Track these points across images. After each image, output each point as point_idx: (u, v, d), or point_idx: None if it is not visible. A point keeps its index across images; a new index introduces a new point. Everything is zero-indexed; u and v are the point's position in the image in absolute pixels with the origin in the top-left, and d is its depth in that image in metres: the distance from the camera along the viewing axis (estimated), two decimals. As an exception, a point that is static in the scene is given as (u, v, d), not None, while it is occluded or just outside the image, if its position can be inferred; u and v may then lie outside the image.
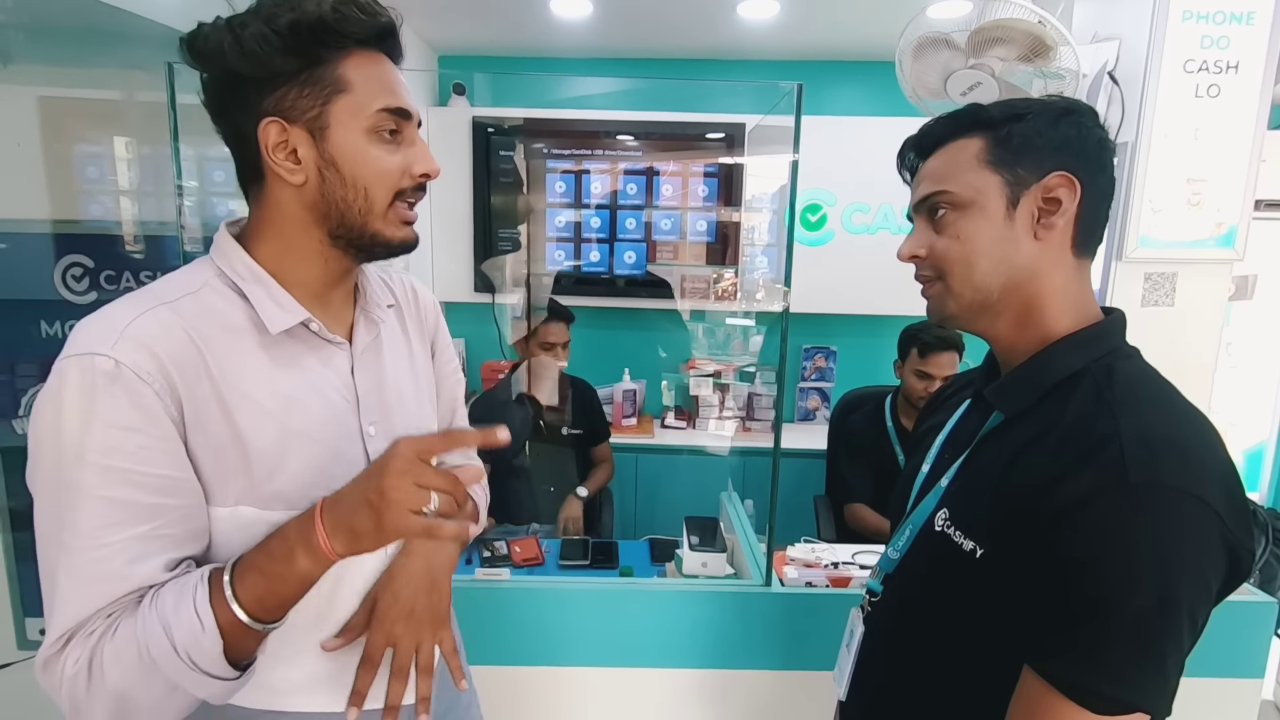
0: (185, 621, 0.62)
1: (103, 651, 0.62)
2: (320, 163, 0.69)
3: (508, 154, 2.83)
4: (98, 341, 0.63)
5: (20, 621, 1.62)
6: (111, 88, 1.60)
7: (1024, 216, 0.72)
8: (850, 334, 3.09)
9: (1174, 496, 0.60)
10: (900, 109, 1.67)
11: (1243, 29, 1.32)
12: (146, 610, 0.63)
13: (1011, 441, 0.72)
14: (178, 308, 0.67)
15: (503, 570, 1.55)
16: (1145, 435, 0.62)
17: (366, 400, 0.78)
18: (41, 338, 1.59)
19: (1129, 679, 0.61)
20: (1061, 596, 0.63)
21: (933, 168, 0.77)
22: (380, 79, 0.71)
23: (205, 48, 0.67)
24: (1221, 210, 1.37)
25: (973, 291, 0.74)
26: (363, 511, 0.62)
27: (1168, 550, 0.60)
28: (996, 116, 0.73)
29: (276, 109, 0.68)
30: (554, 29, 2.62)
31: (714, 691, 1.49)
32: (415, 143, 0.74)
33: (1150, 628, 0.60)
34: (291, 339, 0.73)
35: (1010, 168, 0.72)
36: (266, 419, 0.69)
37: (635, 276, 2.93)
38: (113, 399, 0.62)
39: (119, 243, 1.60)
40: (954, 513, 0.75)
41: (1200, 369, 1.41)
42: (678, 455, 2.83)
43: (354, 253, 0.74)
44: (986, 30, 1.37)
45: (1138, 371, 0.71)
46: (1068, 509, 0.62)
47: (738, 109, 2.76)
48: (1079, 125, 0.72)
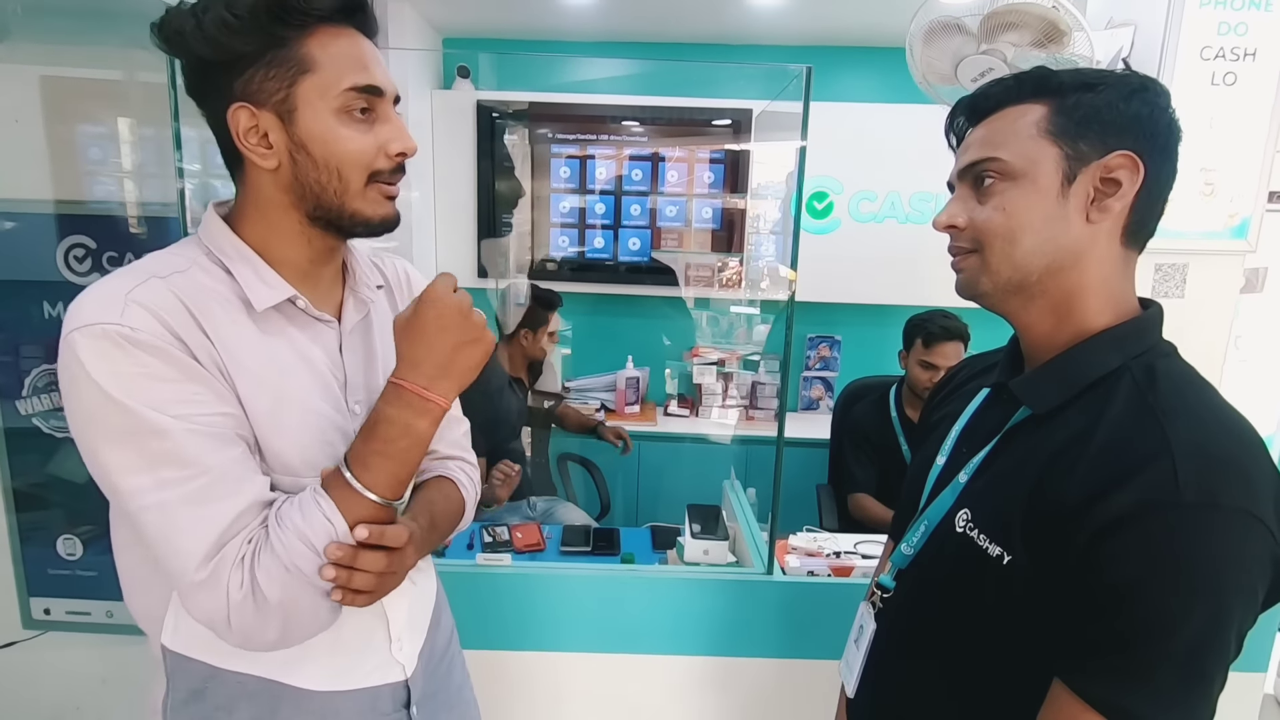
0: (318, 526, 0.66)
1: (257, 573, 0.64)
2: (291, 146, 0.69)
3: (512, 138, 2.81)
4: (104, 312, 0.63)
5: (25, 601, 1.64)
6: (113, 67, 1.58)
7: (1079, 195, 0.67)
8: (855, 323, 3.08)
9: (1231, 517, 0.57)
10: (909, 96, 1.65)
11: (1261, 15, 1.29)
12: (275, 529, 0.66)
13: (1043, 443, 0.68)
14: (171, 282, 0.68)
15: (504, 556, 1.55)
16: (1198, 450, 0.59)
17: (354, 379, 0.78)
18: (44, 318, 1.59)
19: (1178, 704, 0.59)
20: (1107, 618, 0.59)
21: (985, 133, 0.71)
22: (349, 55, 0.69)
23: (170, 32, 0.67)
24: (1235, 201, 1.35)
25: (1011, 269, 0.69)
26: (465, 351, 0.70)
27: (1223, 573, 0.57)
28: (1066, 83, 0.67)
29: (244, 93, 0.68)
30: (560, 11, 2.59)
31: (714, 679, 1.49)
32: (390, 120, 0.72)
33: (1201, 652, 0.58)
34: (280, 315, 0.73)
35: (1072, 140, 0.66)
36: (261, 386, 0.70)
37: (639, 263, 2.91)
38: (136, 358, 0.63)
39: (122, 224, 1.60)
40: (976, 514, 0.71)
41: (1210, 362, 1.39)
42: (680, 443, 2.83)
43: (335, 231, 0.74)
44: (999, 15, 1.35)
45: (1180, 372, 0.68)
46: (1113, 525, 0.58)
47: (745, 94, 2.73)
48: (1153, 105, 0.67)
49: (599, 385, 3.05)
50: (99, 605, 1.64)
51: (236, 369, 0.69)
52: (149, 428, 0.63)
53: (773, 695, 1.50)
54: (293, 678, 0.76)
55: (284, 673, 0.76)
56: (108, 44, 1.56)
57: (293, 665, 0.76)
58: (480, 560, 1.51)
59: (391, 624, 0.82)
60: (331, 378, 0.76)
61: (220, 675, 0.74)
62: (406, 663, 0.83)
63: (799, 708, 1.50)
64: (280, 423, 0.71)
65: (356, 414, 0.77)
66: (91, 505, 1.63)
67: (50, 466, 1.62)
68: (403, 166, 0.74)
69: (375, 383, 0.80)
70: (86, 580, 1.64)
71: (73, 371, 0.63)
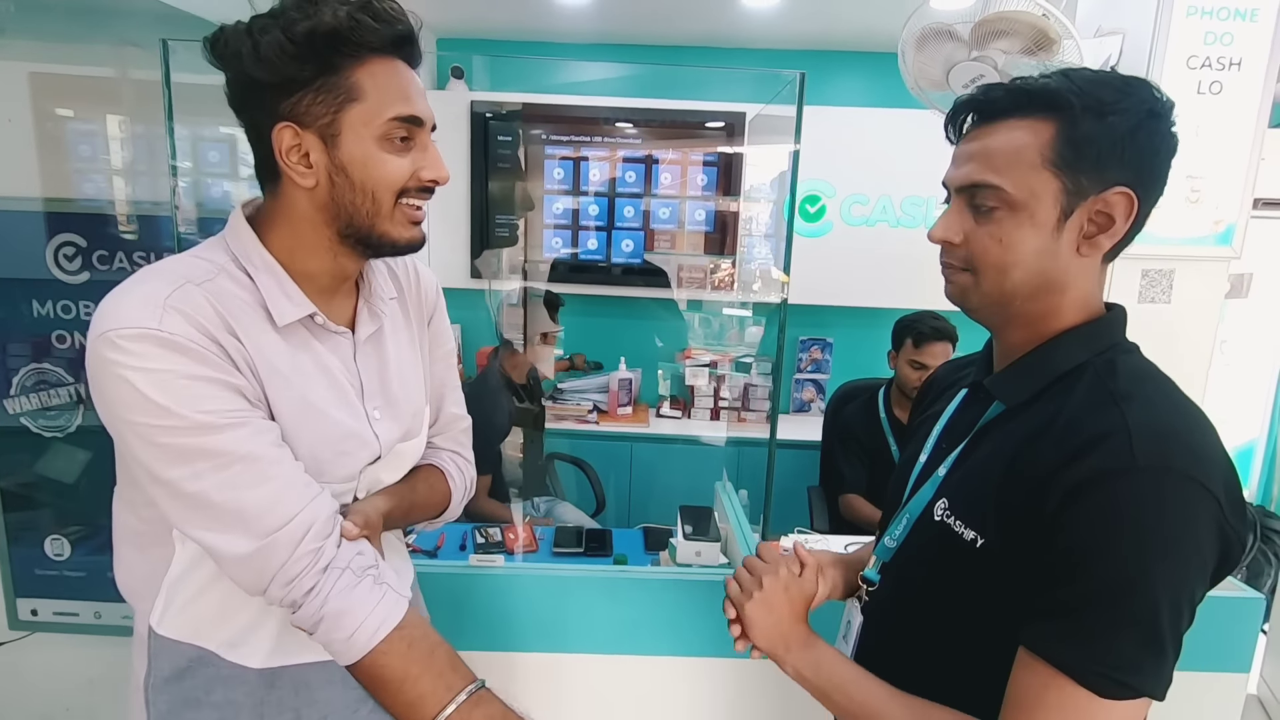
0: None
1: (326, 593, 0.68)
2: (331, 168, 0.71)
3: (506, 139, 2.81)
4: (142, 317, 0.64)
5: (12, 603, 1.62)
6: (105, 65, 1.57)
7: (1072, 230, 0.68)
8: (846, 326, 3.09)
9: (1182, 481, 0.60)
10: (902, 101, 1.66)
11: (1246, 25, 1.31)
12: (335, 597, 0.69)
13: (1013, 433, 0.72)
14: (205, 288, 0.69)
15: (497, 556, 1.55)
16: (1151, 426, 0.62)
17: (370, 385, 0.81)
18: (33, 317, 1.58)
19: (1140, 664, 0.61)
20: (1067, 582, 0.62)
21: (989, 147, 0.69)
22: (394, 86, 0.71)
23: (225, 52, 0.69)
24: (1220, 208, 1.37)
25: (1000, 294, 0.72)
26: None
27: (1178, 534, 0.60)
28: (1076, 105, 0.66)
29: (291, 114, 0.69)
30: (555, 13, 2.59)
31: (706, 680, 1.50)
32: (427, 148, 0.75)
33: (1160, 613, 0.60)
34: (300, 327, 0.76)
35: (1073, 174, 0.66)
36: (287, 388, 0.72)
37: (633, 265, 2.92)
38: (176, 362, 0.65)
39: (112, 222, 1.58)
40: (953, 502, 0.74)
41: (1195, 366, 1.41)
42: (672, 444, 2.83)
43: (362, 250, 0.76)
44: (990, 22, 1.36)
45: (1139, 366, 0.71)
46: (1073, 493, 0.62)
47: (738, 97, 2.74)
48: (1156, 133, 0.67)
49: (592, 386, 3.05)
50: (87, 606, 1.63)
51: (268, 372, 0.71)
52: (192, 425, 0.65)
53: (762, 696, 1.50)
54: (272, 661, 0.79)
55: (267, 659, 0.79)
56: (100, 41, 1.55)
57: (275, 653, 0.79)
58: (473, 561, 1.51)
59: None
60: (349, 386, 0.79)
61: (203, 658, 0.77)
62: None
63: (790, 709, 1.51)
64: (300, 425, 0.73)
65: (377, 418, 0.80)
66: (80, 506, 1.62)
67: (39, 466, 1.61)
68: (430, 190, 0.76)
69: (391, 388, 0.83)
70: (74, 581, 1.63)
71: (111, 372, 0.64)
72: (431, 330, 0.94)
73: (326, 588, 0.68)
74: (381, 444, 0.81)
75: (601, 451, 2.69)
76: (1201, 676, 1.45)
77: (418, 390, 0.88)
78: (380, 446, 0.81)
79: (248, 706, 0.78)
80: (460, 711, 0.69)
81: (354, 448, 0.77)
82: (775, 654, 0.81)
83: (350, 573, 0.69)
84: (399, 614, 0.70)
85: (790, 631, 0.81)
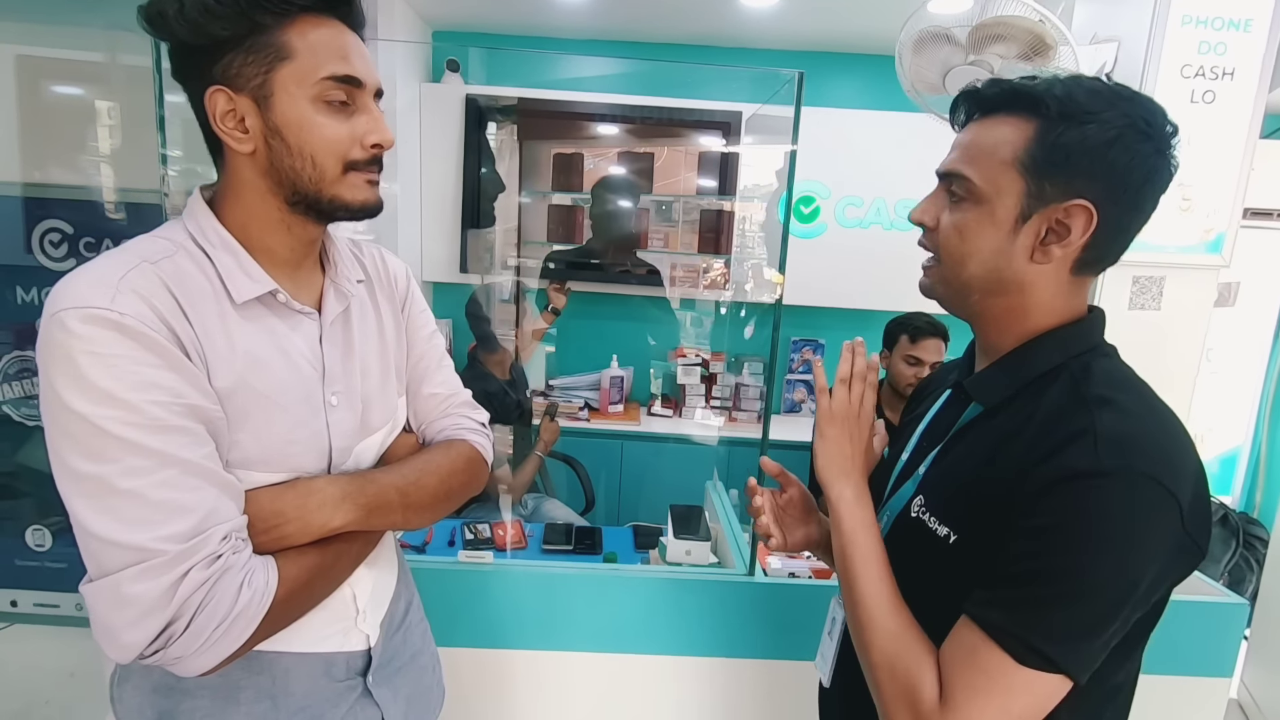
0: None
1: (219, 587, 0.64)
2: (266, 131, 0.69)
3: (501, 134, 2.79)
4: (95, 295, 0.62)
5: (-12, 592, 1.60)
6: (94, 49, 1.55)
7: (1028, 234, 0.69)
8: (839, 327, 3.10)
9: (1144, 482, 0.61)
10: (898, 104, 1.66)
11: (1240, 35, 1.32)
12: (213, 597, 0.64)
13: (989, 433, 0.73)
14: (160, 267, 0.67)
15: (486, 553, 1.54)
16: (1120, 430, 0.63)
17: (332, 370, 0.78)
18: (17, 303, 1.56)
19: (1061, 638, 0.62)
20: (1017, 560, 0.64)
21: (975, 139, 0.71)
22: (329, 45, 0.69)
23: (153, 15, 0.67)
24: (1211, 217, 1.38)
25: (959, 283, 0.74)
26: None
27: (1132, 530, 0.61)
28: (1053, 110, 0.66)
29: (224, 77, 0.68)
30: (552, 8, 2.58)
31: (695, 679, 1.50)
32: (369, 111, 0.73)
33: (1097, 600, 0.61)
34: (261, 305, 0.73)
35: (1039, 179, 0.67)
36: (232, 376, 0.70)
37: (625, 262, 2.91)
38: (122, 345, 0.62)
39: (99, 209, 1.56)
40: (929, 500, 0.76)
41: (1183, 373, 1.43)
42: (664, 443, 2.83)
43: (315, 216, 0.74)
44: (987, 27, 1.37)
45: (1114, 370, 0.72)
46: (1041, 491, 0.63)
47: (735, 97, 2.74)
48: (1134, 152, 0.65)
49: (583, 384, 3.04)
50: (68, 598, 1.61)
51: (214, 356, 0.68)
52: (123, 414, 0.61)
53: (753, 695, 1.50)
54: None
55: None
56: (91, 25, 1.53)
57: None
58: (462, 557, 1.51)
59: (358, 597, 0.83)
60: (310, 369, 0.76)
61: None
62: (371, 633, 0.85)
63: (780, 708, 1.51)
64: (245, 414, 0.70)
65: (334, 405, 0.77)
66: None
67: (20, 456, 1.58)
68: (379, 159, 0.74)
69: (353, 376, 0.81)
70: (55, 572, 1.61)
71: (55, 350, 0.62)
72: (408, 317, 0.92)
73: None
74: (332, 435, 0.77)
75: (590, 447, 2.68)
76: (1185, 681, 1.47)
77: (381, 381, 0.85)
78: (330, 445, 0.77)
79: (223, 690, 0.76)
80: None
81: (304, 438, 0.74)
82: (842, 475, 0.81)
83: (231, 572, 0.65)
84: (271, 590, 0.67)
85: (857, 461, 0.82)
